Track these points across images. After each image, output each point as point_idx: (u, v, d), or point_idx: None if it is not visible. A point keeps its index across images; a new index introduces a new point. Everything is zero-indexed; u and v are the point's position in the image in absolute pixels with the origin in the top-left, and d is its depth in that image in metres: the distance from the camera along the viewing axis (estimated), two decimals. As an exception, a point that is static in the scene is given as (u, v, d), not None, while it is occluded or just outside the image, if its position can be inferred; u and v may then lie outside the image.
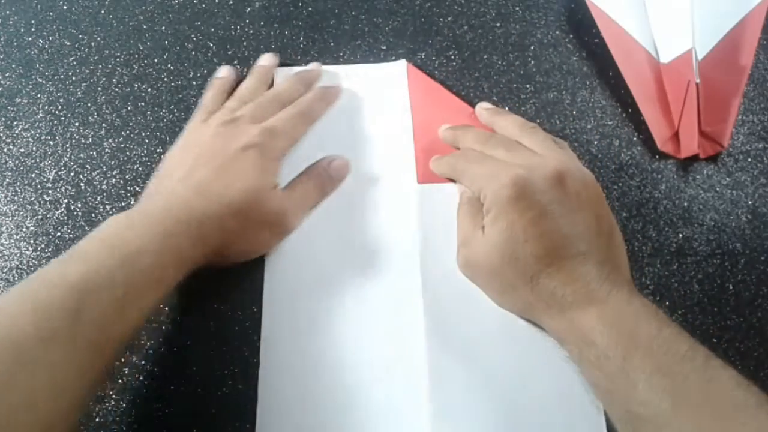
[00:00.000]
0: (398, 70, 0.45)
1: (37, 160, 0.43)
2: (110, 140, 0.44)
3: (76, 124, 0.44)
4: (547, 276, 0.32)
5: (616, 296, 0.31)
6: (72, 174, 0.43)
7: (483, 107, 0.42)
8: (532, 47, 0.47)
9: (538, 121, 0.44)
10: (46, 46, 0.47)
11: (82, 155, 0.43)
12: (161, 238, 0.32)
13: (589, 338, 0.30)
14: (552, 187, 0.33)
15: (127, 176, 0.42)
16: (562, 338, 0.33)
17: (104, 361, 0.30)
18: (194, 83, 0.45)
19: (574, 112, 0.44)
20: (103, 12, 0.48)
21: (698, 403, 0.26)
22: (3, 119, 0.45)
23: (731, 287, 0.40)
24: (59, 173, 0.43)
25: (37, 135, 0.44)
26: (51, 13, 0.48)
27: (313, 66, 0.45)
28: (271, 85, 0.44)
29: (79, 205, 0.42)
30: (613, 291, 0.31)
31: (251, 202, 0.35)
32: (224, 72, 0.44)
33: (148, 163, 0.43)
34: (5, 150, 0.44)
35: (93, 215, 0.41)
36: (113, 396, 0.36)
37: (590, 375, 0.31)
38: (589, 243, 0.33)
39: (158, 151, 0.43)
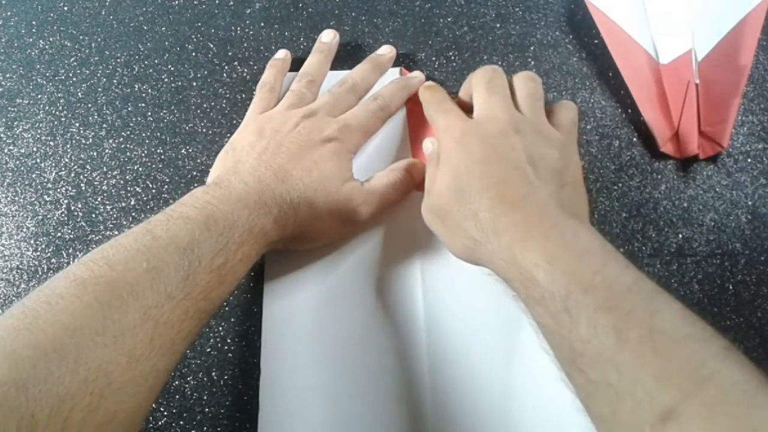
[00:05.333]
0: (393, 76, 0.44)
1: (38, 161, 0.43)
2: (110, 141, 0.44)
3: (77, 124, 0.44)
4: (489, 209, 0.32)
5: (560, 230, 0.30)
6: (72, 174, 0.43)
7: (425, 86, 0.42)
8: (532, 48, 0.47)
9: (537, 121, 0.44)
10: (47, 47, 0.47)
11: (82, 156, 0.43)
12: (248, 217, 0.33)
13: (532, 275, 0.29)
14: (500, 137, 0.34)
15: (127, 177, 0.43)
16: (508, 277, 0.31)
17: (202, 326, 0.31)
18: (194, 84, 0.46)
19: (574, 113, 0.44)
20: (103, 13, 0.49)
21: (641, 337, 0.25)
22: (4, 120, 0.45)
23: (731, 287, 0.40)
24: (60, 174, 0.43)
25: (38, 135, 0.44)
26: (52, 14, 0.49)
27: (385, 49, 0.45)
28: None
29: (80, 206, 0.42)
30: (557, 224, 0.30)
31: (324, 190, 0.36)
32: (282, 54, 0.45)
33: (149, 164, 0.43)
34: (6, 150, 0.44)
35: (93, 216, 0.41)
36: (113, 396, 0.36)
37: (536, 314, 0.30)
38: (538, 179, 0.33)
39: (158, 151, 0.43)
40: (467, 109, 0.38)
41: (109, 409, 0.25)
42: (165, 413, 0.36)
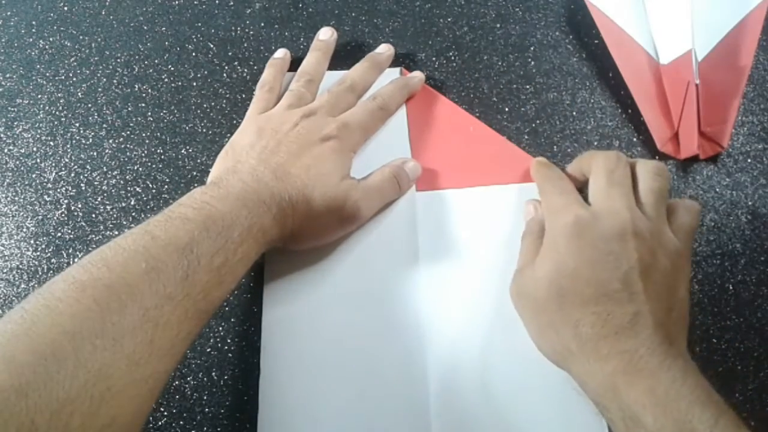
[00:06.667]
0: (393, 76, 0.44)
1: (38, 161, 0.43)
2: (110, 141, 0.44)
3: (77, 124, 0.44)
4: (592, 325, 0.31)
5: (669, 371, 0.29)
6: (72, 174, 0.43)
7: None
8: (532, 48, 0.47)
9: (537, 121, 0.44)
10: (47, 47, 0.47)
11: (82, 156, 0.43)
12: (247, 216, 0.32)
13: (637, 416, 0.28)
14: (617, 240, 0.32)
15: (127, 177, 0.43)
16: (603, 404, 0.31)
17: (202, 327, 0.31)
18: (194, 84, 0.46)
19: (574, 113, 0.44)
20: (103, 13, 0.49)
21: None
22: (4, 120, 0.45)
23: (731, 287, 0.40)
24: (60, 174, 0.43)
25: (38, 135, 0.44)
26: (52, 14, 0.49)
27: (383, 48, 0.45)
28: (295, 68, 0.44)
29: (80, 206, 0.42)
30: (665, 363, 0.29)
31: (321, 187, 0.36)
32: (281, 54, 0.45)
33: (148, 164, 0.43)
34: (6, 150, 0.44)
35: (93, 216, 0.41)
36: (113, 396, 0.36)
37: None
38: (648, 300, 0.31)
39: (158, 151, 0.43)
40: (576, 187, 0.37)
41: (109, 413, 0.25)
42: (165, 413, 0.36)
